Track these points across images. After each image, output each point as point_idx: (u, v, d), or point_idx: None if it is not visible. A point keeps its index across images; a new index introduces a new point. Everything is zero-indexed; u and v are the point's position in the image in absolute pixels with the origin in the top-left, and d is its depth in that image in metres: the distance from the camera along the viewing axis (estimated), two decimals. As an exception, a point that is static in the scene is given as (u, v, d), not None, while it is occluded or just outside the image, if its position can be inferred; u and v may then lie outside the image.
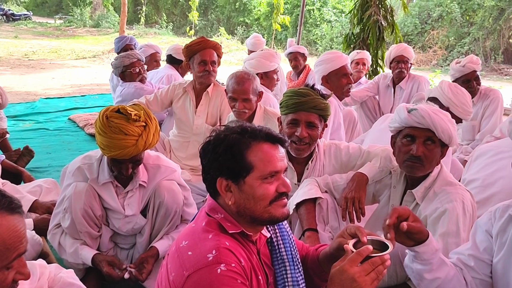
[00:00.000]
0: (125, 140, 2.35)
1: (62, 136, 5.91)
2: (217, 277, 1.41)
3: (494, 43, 18.92)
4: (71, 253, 2.57)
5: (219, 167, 1.57)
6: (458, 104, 3.34)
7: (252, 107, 3.32)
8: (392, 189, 2.52)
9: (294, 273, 1.71)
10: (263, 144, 1.58)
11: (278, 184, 1.58)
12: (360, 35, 7.52)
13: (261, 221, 1.60)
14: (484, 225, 1.90)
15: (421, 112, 2.26)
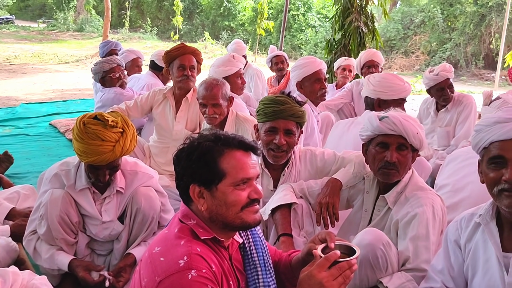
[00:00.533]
0: (102, 146, 2.37)
1: (42, 141, 5.87)
2: (188, 282, 1.44)
3: (475, 49, 19.24)
4: (47, 258, 2.56)
5: (192, 174, 1.61)
6: (385, 89, 3.39)
7: (223, 112, 3.37)
8: (365, 194, 2.57)
9: (266, 278, 1.74)
10: (236, 152, 1.61)
11: (250, 190, 1.61)
12: (342, 41, 7.63)
13: (233, 227, 1.63)
14: (452, 236, 1.96)
15: (393, 119, 2.32)
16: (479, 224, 1.86)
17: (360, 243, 2.15)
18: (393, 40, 20.99)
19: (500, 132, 1.71)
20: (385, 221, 2.44)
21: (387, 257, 2.15)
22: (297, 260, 1.84)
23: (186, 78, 3.86)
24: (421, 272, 2.16)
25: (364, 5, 7.46)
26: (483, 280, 1.82)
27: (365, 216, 2.55)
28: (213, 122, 3.38)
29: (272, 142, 2.65)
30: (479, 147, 1.81)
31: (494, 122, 1.74)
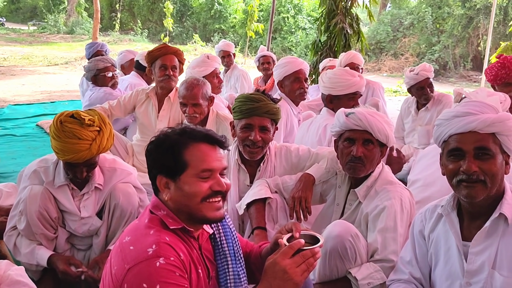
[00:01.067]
0: (79, 144, 2.42)
1: (28, 142, 5.90)
2: (155, 270, 1.49)
3: (463, 51, 19.43)
4: (27, 253, 2.61)
5: (159, 165, 1.68)
6: (334, 85, 3.48)
7: (203, 112, 3.44)
8: (338, 189, 2.65)
9: (236, 267, 1.80)
10: (200, 144, 1.67)
11: (213, 182, 1.66)
12: (327, 43, 7.71)
13: (195, 219, 1.68)
14: (417, 227, 2.04)
15: (358, 115, 2.40)
16: (442, 215, 1.93)
17: (329, 234, 2.23)
18: (382, 42, 21.14)
19: (458, 125, 1.79)
20: (356, 214, 2.51)
21: (355, 248, 2.22)
22: (266, 250, 1.90)
23: (167, 78, 3.92)
24: (389, 263, 2.24)
25: (349, 7, 7.54)
26: (445, 268, 1.89)
27: (337, 210, 2.63)
28: (193, 121, 3.45)
29: (247, 139, 2.72)
30: (440, 140, 1.89)
31: (453, 116, 1.82)
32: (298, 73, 4.06)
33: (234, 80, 6.69)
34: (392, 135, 2.47)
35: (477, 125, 1.77)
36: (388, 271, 2.22)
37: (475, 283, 1.78)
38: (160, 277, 1.49)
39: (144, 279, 1.48)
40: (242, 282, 1.81)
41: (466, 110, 1.81)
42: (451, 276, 1.87)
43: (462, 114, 1.81)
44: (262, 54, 6.62)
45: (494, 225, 1.77)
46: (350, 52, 5.44)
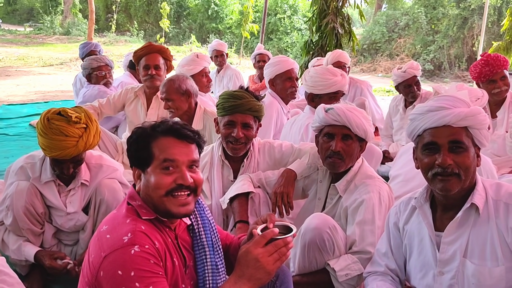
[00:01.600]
0: (66, 141, 2.47)
1: (21, 141, 5.93)
2: (130, 257, 1.53)
3: (458, 51, 19.52)
4: (14, 250, 2.66)
5: (132, 157, 1.74)
6: (315, 84, 3.53)
7: (179, 107, 3.48)
8: (319, 184, 2.70)
9: (214, 258, 1.84)
10: (169, 138, 1.71)
11: (177, 176, 1.68)
12: (319, 42, 7.77)
13: (160, 212, 1.69)
14: (392, 220, 2.08)
15: (337, 110, 2.45)
16: (415, 207, 1.98)
17: (307, 227, 2.28)
18: (378, 43, 21.22)
19: (432, 119, 1.83)
20: (336, 208, 2.56)
21: (333, 240, 2.27)
22: (244, 242, 1.94)
23: (150, 78, 3.99)
24: (366, 255, 2.29)
25: (340, 7, 7.61)
26: (418, 259, 1.94)
27: (319, 204, 2.68)
28: (172, 116, 3.49)
29: (230, 135, 2.76)
30: (414, 134, 1.92)
31: (427, 110, 1.85)
32: (290, 72, 4.12)
33: (227, 80, 6.73)
34: (370, 130, 2.51)
35: (451, 119, 1.80)
36: (365, 263, 2.27)
37: (448, 272, 1.82)
38: (135, 264, 1.52)
39: (119, 266, 1.52)
40: (220, 273, 1.85)
41: (440, 104, 1.85)
42: (425, 266, 1.91)
43: (436, 108, 1.84)
44: (258, 52, 6.68)
45: (466, 215, 1.82)
46: (336, 51, 5.49)
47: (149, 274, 1.54)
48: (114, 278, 1.52)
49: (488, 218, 1.79)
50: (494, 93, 4.01)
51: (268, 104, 3.93)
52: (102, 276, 1.54)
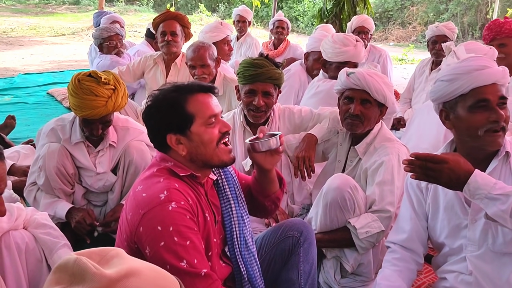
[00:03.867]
0: (96, 101, 2.57)
1: (41, 109, 6.06)
2: (168, 213, 1.61)
3: (471, 19, 19.20)
4: (45, 203, 2.76)
5: (166, 125, 1.74)
6: (326, 50, 3.56)
7: (211, 73, 3.57)
8: (339, 147, 2.78)
9: (239, 210, 1.93)
10: (197, 95, 1.77)
11: (219, 126, 1.79)
12: (333, 10, 7.72)
13: (211, 164, 1.81)
14: (413, 182, 2.11)
15: (358, 75, 2.51)
16: None
17: (329, 187, 2.37)
18: (390, 11, 20.92)
19: (482, 78, 1.84)
20: (356, 170, 2.64)
21: (354, 199, 2.36)
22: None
23: (167, 44, 4.06)
24: (386, 213, 2.38)
25: (355, -27, 7.53)
26: (445, 213, 1.99)
27: (339, 166, 2.76)
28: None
29: (251, 103, 2.82)
30: (454, 95, 1.90)
31: (473, 69, 1.85)
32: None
33: (246, 47, 6.68)
34: (390, 96, 2.57)
35: (497, 77, 1.85)
36: (385, 221, 2.37)
37: (480, 218, 1.87)
38: (173, 219, 1.61)
39: (159, 222, 1.60)
40: (245, 223, 1.94)
41: (483, 63, 1.86)
42: (453, 218, 1.96)
43: (481, 67, 1.85)
44: (278, 18, 6.55)
45: (499, 163, 1.89)
46: (362, 16, 5.38)
47: (186, 229, 1.61)
48: (154, 234, 1.59)
49: (510, 163, 1.88)
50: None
51: (293, 73, 3.99)
52: (142, 232, 1.62)
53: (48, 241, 1.97)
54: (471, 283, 1.91)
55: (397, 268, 2.04)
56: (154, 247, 1.59)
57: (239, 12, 6.78)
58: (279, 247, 2.11)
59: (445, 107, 1.96)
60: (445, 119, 1.98)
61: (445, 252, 2.04)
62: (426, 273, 2.73)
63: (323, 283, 2.55)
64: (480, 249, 1.89)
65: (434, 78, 4.56)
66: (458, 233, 1.95)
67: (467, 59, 1.93)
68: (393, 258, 2.09)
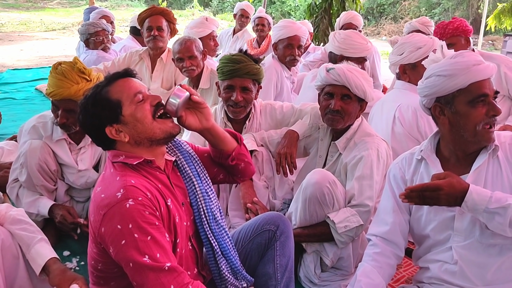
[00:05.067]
0: (63, 81, 2.62)
1: (28, 105, 6.05)
2: (126, 211, 1.60)
3: (463, 13, 19.24)
4: (28, 202, 2.77)
5: (99, 121, 1.74)
6: (349, 47, 3.57)
7: (199, 64, 3.58)
8: (320, 142, 2.80)
9: (202, 186, 1.93)
10: (116, 82, 1.77)
11: (149, 100, 1.76)
12: (322, 5, 7.72)
13: (157, 139, 1.77)
14: (397, 175, 2.13)
15: (338, 70, 2.52)
16: (420, 161, 2.06)
17: (308, 182, 2.39)
18: (383, 6, 20.96)
19: (481, 73, 1.86)
20: (336, 165, 2.66)
21: (333, 194, 2.38)
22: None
23: (153, 39, 4.08)
24: (365, 208, 2.41)
25: (344, -32, 7.53)
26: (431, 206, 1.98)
27: (320, 161, 2.78)
28: (191, 74, 3.60)
29: (230, 99, 2.82)
30: (452, 90, 1.90)
31: (472, 64, 1.86)
32: (292, 39, 4.09)
33: (242, 42, 6.66)
34: (369, 91, 2.59)
35: (492, 72, 1.89)
36: (364, 216, 2.39)
37: None
38: (132, 216, 1.60)
39: (118, 220, 1.60)
40: (211, 198, 1.94)
41: (479, 59, 1.88)
42: (440, 210, 1.98)
43: (478, 62, 1.87)
44: (258, 15, 6.49)
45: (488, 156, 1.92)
46: (350, 12, 5.36)
47: (146, 225, 1.61)
48: (114, 233, 1.60)
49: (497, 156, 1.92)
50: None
51: (268, 67, 3.98)
52: (104, 232, 1.63)
53: (25, 237, 1.98)
54: (455, 272, 1.93)
55: (377, 264, 2.06)
56: (116, 246, 1.60)
57: (243, 6, 6.73)
58: (255, 241, 2.12)
59: (439, 101, 1.96)
60: (439, 114, 1.98)
61: (428, 244, 2.06)
62: (406, 267, 2.76)
63: (303, 277, 2.58)
64: (467, 239, 1.92)
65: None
66: (445, 224, 1.98)
67: (461, 54, 1.93)
68: (374, 252, 2.10)
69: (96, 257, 1.76)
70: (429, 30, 4.81)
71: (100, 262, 1.75)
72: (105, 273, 1.78)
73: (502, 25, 11.39)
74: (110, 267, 1.74)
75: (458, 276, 1.93)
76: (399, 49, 3.17)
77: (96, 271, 1.80)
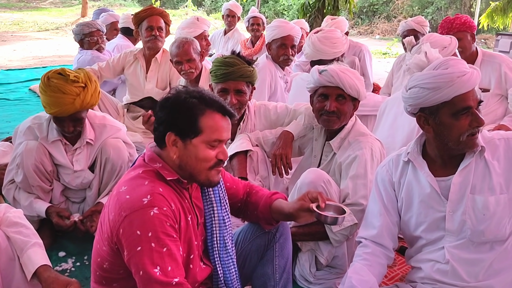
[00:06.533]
0: (63, 98, 2.57)
1: (22, 105, 6.03)
2: (149, 218, 1.62)
3: (456, 12, 19.31)
4: (26, 206, 2.79)
5: (172, 123, 1.74)
6: (325, 50, 3.60)
7: (198, 67, 3.59)
8: (314, 142, 2.82)
9: (221, 213, 1.95)
10: (216, 114, 1.77)
11: (219, 151, 1.78)
12: (316, 5, 7.75)
13: (197, 180, 1.81)
14: (385, 177, 2.15)
15: (331, 72, 2.54)
16: (407, 163, 2.07)
17: (303, 181, 2.42)
18: (376, 5, 21.02)
19: (465, 86, 1.84)
20: (331, 165, 2.68)
21: (328, 193, 2.40)
22: (281, 209, 2.04)
23: (154, 38, 4.07)
24: (359, 206, 2.43)
25: (337, -32, 7.55)
26: (421, 207, 2.02)
27: (314, 161, 2.80)
28: (190, 77, 3.61)
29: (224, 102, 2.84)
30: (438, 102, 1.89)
31: (455, 77, 1.84)
32: (285, 39, 4.12)
33: (233, 42, 6.68)
34: (363, 90, 2.61)
35: (476, 81, 1.87)
36: (358, 214, 2.41)
37: (458, 210, 1.93)
38: (153, 225, 1.61)
39: (138, 226, 1.61)
40: (226, 226, 1.97)
41: (461, 69, 1.87)
42: (430, 211, 2.00)
43: (462, 73, 1.85)
44: (252, 15, 6.55)
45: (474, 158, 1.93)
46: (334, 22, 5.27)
47: (164, 236, 1.62)
48: (132, 237, 1.60)
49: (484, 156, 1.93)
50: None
51: (261, 67, 4.00)
52: (122, 234, 1.63)
53: (18, 240, 1.96)
54: (447, 271, 1.95)
55: (367, 263, 2.07)
56: (131, 251, 1.61)
57: (229, 6, 6.77)
58: (255, 242, 2.14)
59: (424, 112, 1.96)
60: (423, 123, 1.98)
61: (420, 244, 2.08)
62: (400, 265, 2.79)
63: (299, 276, 2.60)
64: (459, 239, 1.94)
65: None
66: (436, 225, 2.00)
67: (445, 63, 1.91)
68: (364, 252, 2.12)
69: (104, 256, 1.76)
70: (425, 30, 4.86)
71: (108, 261, 1.75)
72: (109, 273, 1.78)
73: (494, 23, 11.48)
74: (116, 268, 1.75)
75: (450, 275, 1.95)
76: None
77: (101, 270, 1.80)
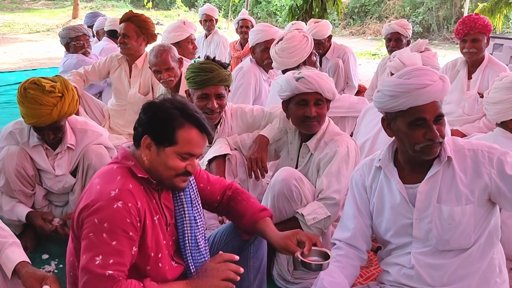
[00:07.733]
0: (40, 110, 2.60)
1: (11, 108, 6.04)
2: (111, 210, 1.69)
3: (447, 13, 19.45)
4: (7, 210, 2.85)
5: (150, 128, 1.82)
6: (285, 62, 3.64)
7: (177, 74, 3.64)
8: (290, 145, 2.88)
9: (192, 213, 2.01)
10: (193, 129, 1.83)
11: (188, 164, 1.85)
12: (304, 7, 7.81)
13: (164, 184, 1.89)
14: (358, 181, 2.20)
15: (308, 78, 2.58)
16: (379, 168, 2.12)
17: (276, 179, 2.49)
18: (367, 5, 21.09)
19: (422, 98, 1.88)
20: (309, 165, 2.74)
21: (300, 190, 2.48)
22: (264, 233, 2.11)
23: (119, 46, 4.14)
24: (331, 200, 2.51)
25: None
26: (391, 213, 2.08)
27: (292, 164, 2.85)
28: (170, 85, 3.66)
29: (205, 107, 2.87)
30: (394, 110, 1.95)
31: (414, 88, 1.88)
32: (269, 43, 4.10)
33: (214, 45, 6.74)
34: (336, 91, 2.70)
35: (436, 95, 1.90)
36: (331, 208, 2.49)
37: (425, 218, 1.98)
38: (112, 217, 1.68)
39: (98, 215, 1.69)
40: (198, 226, 2.02)
41: (423, 81, 1.89)
42: (398, 218, 2.05)
43: (422, 86, 1.88)
44: (241, 17, 6.58)
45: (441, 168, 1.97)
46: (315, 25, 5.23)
47: (120, 231, 1.69)
48: (90, 223, 1.69)
49: (453, 166, 1.97)
50: (463, 52, 4.20)
51: (246, 70, 4.06)
52: (83, 218, 1.72)
53: None
54: (412, 276, 2.02)
55: (340, 264, 2.13)
56: (86, 235, 1.70)
57: (204, 11, 6.81)
58: (230, 244, 2.20)
59: (387, 116, 2.03)
60: (386, 126, 2.05)
61: (390, 247, 2.15)
62: (376, 265, 2.85)
63: (276, 275, 2.65)
64: (425, 246, 2.00)
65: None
66: (403, 231, 2.05)
67: (410, 73, 1.95)
68: (337, 254, 2.17)
69: (74, 253, 1.84)
70: (408, 32, 4.93)
71: (77, 260, 1.79)
72: None
73: (482, 24, 11.53)
74: None
75: (415, 280, 2.01)
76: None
77: (73, 270, 1.87)
